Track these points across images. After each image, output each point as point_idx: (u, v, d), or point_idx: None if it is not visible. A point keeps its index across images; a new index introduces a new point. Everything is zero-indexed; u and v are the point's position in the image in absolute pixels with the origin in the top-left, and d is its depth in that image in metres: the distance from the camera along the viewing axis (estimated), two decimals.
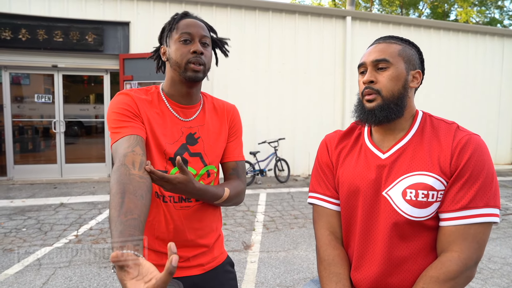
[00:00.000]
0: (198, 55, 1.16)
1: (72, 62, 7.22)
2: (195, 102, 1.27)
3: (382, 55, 1.01)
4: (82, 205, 5.46)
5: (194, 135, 1.23)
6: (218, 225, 1.35)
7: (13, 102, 7.40)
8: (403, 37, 1.08)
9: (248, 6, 7.83)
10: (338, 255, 1.08)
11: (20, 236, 4.15)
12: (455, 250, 0.91)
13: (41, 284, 3.02)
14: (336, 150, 1.15)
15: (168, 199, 1.18)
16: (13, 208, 5.26)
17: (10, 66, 7.09)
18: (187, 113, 1.24)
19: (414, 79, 1.04)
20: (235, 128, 1.36)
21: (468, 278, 0.92)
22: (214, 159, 1.28)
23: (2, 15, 6.68)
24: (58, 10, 6.92)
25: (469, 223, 0.91)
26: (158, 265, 1.16)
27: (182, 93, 1.23)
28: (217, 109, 1.33)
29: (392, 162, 1.02)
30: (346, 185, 1.08)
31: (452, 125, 1.01)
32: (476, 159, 0.93)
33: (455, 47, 9.39)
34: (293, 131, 8.16)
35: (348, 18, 8.38)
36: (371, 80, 1.02)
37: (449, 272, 0.90)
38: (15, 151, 7.39)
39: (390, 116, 1.01)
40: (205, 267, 1.28)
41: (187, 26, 1.18)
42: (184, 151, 1.20)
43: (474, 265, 0.92)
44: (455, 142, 0.96)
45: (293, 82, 8.19)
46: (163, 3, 7.40)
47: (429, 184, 0.95)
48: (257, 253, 3.77)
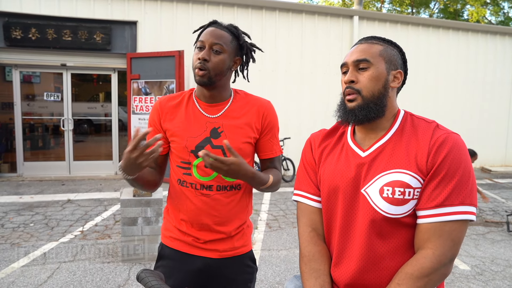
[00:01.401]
0: (201, 61, 1.29)
1: (81, 61, 7.32)
2: (221, 100, 1.39)
3: (362, 55, 1.03)
4: (89, 201, 5.55)
5: (218, 129, 1.35)
6: (241, 216, 1.41)
7: (24, 100, 7.54)
8: (386, 38, 1.09)
9: (255, 5, 7.85)
10: (319, 251, 1.09)
11: (28, 231, 4.24)
12: (430, 247, 0.93)
13: (46, 278, 3.09)
14: (319, 148, 1.17)
15: (189, 185, 1.34)
16: (22, 203, 5.38)
17: (21, 65, 7.22)
18: (213, 110, 1.37)
19: (395, 79, 1.05)
20: (270, 124, 1.43)
21: (443, 275, 0.93)
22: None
23: (13, 15, 6.81)
24: (67, 9, 7.02)
25: (444, 220, 0.92)
26: (180, 241, 1.38)
27: (204, 94, 1.38)
28: (249, 105, 1.41)
29: (371, 160, 1.03)
30: (327, 183, 1.09)
31: (432, 123, 1.02)
32: (452, 157, 0.94)
33: (464, 47, 9.29)
34: (299, 131, 8.16)
35: (355, 18, 8.35)
36: (352, 80, 1.04)
37: (423, 268, 0.91)
38: (25, 148, 7.53)
39: (369, 115, 1.02)
40: (222, 253, 1.38)
41: (203, 34, 1.33)
42: (206, 144, 1.34)
43: (449, 262, 0.93)
44: (432, 140, 0.97)
45: (299, 81, 8.19)
46: (170, 3, 7.46)
47: (405, 182, 0.96)
48: (258, 251, 3.79)
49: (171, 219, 1.42)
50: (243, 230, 1.43)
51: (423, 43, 8.96)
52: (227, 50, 1.32)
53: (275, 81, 8.06)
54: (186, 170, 1.35)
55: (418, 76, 8.89)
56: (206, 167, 1.25)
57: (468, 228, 4.69)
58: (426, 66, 8.97)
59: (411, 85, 8.83)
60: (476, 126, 9.34)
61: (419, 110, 8.71)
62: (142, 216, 3.40)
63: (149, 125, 1.42)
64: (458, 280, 3.24)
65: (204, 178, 1.34)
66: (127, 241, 3.40)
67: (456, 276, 3.31)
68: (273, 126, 1.44)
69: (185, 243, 1.38)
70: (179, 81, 6.80)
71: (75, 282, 3.03)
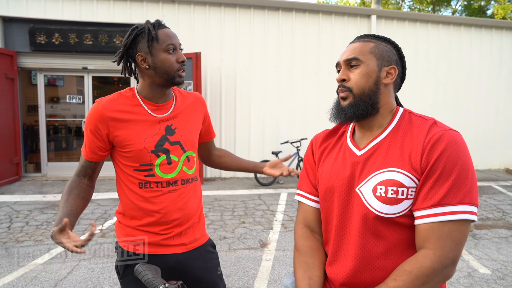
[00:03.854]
0: (184, 63, 1.36)
1: (101, 64, 7.52)
2: (168, 99, 1.44)
3: (352, 54, 1.05)
4: (108, 201, 5.69)
5: (171, 126, 1.40)
6: (199, 206, 1.50)
7: (48, 102, 7.81)
8: (379, 35, 1.09)
9: (271, 6, 7.86)
10: (309, 246, 1.11)
11: (50, 229, 4.39)
12: (430, 247, 0.90)
13: (66, 274, 3.19)
14: (320, 149, 1.18)
15: (154, 185, 1.35)
16: (45, 202, 5.57)
17: (45, 69, 7.48)
18: (162, 109, 1.40)
19: (389, 75, 1.05)
20: (207, 113, 1.60)
21: (444, 277, 0.90)
22: (192, 145, 1.45)
23: (38, 21, 7.07)
24: (88, 14, 7.23)
25: (442, 220, 0.89)
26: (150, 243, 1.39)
27: (160, 95, 1.39)
28: (187, 100, 1.51)
29: (366, 159, 1.02)
30: (324, 182, 1.10)
31: (429, 121, 1.00)
32: (448, 154, 0.91)
33: (488, 44, 9.00)
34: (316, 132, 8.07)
35: (373, 17, 8.24)
36: (343, 79, 1.06)
37: (422, 267, 0.88)
38: (49, 149, 7.80)
39: (357, 112, 1.03)
40: (188, 246, 1.43)
41: (169, 37, 1.33)
42: (164, 142, 1.37)
43: (451, 264, 0.90)
44: (427, 138, 0.94)
45: (317, 82, 8.15)
46: (187, 6, 7.56)
47: (398, 181, 0.94)
48: (273, 251, 3.80)
49: (133, 225, 1.38)
50: (200, 220, 1.51)
51: (444, 41, 8.75)
52: None
53: (292, 82, 8.05)
54: (148, 172, 1.35)
55: (439, 76, 8.69)
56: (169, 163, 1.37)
57: (490, 230, 4.56)
58: (448, 65, 8.75)
59: (432, 85, 8.64)
60: (501, 125, 9.04)
61: (440, 110, 8.51)
62: None
63: (88, 132, 1.33)
64: (478, 284, 3.15)
65: (168, 176, 1.37)
66: None
67: (476, 280, 3.22)
68: (208, 113, 1.61)
69: (152, 244, 1.38)
70: (196, 82, 6.88)
71: (93, 279, 3.12)
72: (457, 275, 3.28)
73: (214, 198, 6.01)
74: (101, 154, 1.37)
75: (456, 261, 0.91)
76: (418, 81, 8.42)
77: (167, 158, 1.36)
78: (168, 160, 1.36)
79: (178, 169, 1.39)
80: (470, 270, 3.40)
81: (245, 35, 7.83)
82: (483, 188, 6.97)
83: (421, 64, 8.50)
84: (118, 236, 1.42)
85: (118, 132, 1.32)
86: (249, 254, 3.67)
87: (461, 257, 3.66)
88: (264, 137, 8.00)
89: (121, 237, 1.41)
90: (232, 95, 7.82)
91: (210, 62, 7.56)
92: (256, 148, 7.93)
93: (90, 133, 1.33)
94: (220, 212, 5.20)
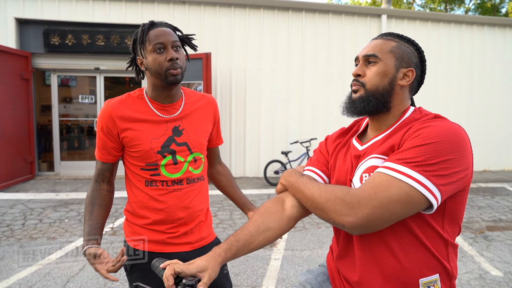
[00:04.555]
0: (174, 61, 1.31)
1: (113, 65, 7.63)
2: (176, 100, 1.43)
3: (372, 51, 1.04)
4: (119, 199, 5.76)
5: (179, 127, 1.41)
6: (205, 205, 1.50)
7: (61, 102, 7.95)
8: (404, 35, 1.09)
9: (281, 7, 7.87)
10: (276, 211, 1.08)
11: (63, 226, 4.48)
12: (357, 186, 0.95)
13: (78, 270, 3.26)
14: (334, 144, 1.19)
15: (159, 184, 1.37)
16: (58, 200, 5.67)
17: (58, 69, 7.62)
18: (170, 110, 1.41)
19: (405, 77, 1.04)
20: (218, 117, 1.58)
21: (337, 216, 0.90)
22: (199, 147, 1.44)
23: (52, 23, 7.21)
24: (100, 15, 7.35)
25: (377, 170, 0.91)
26: (153, 242, 1.40)
27: (164, 95, 1.39)
28: (199, 102, 1.50)
29: (364, 153, 1.04)
30: (334, 178, 1.12)
31: (429, 116, 0.98)
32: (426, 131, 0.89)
33: (501, 43, 8.86)
34: (326, 132, 8.08)
35: (383, 17, 8.18)
36: (358, 74, 1.05)
37: (334, 192, 0.92)
38: (62, 148, 7.94)
39: (367, 107, 1.02)
40: (194, 245, 1.44)
41: (157, 36, 1.31)
42: (171, 143, 1.38)
43: (354, 208, 0.87)
44: (415, 125, 0.94)
45: (327, 82, 8.13)
46: (197, 6, 7.62)
47: (379, 166, 0.94)
48: (281, 250, 3.81)
49: (140, 223, 1.41)
50: (207, 219, 1.52)
51: (456, 41, 8.64)
52: (180, 45, 1.37)
53: (302, 82, 8.04)
54: (154, 171, 1.37)
55: (451, 76, 8.58)
56: (175, 164, 1.39)
57: (503, 232, 4.49)
58: (459, 65, 8.64)
59: (444, 85, 8.54)
60: None
61: (452, 110, 8.41)
62: None
63: (100, 134, 1.37)
64: (489, 286, 3.11)
65: (173, 175, 1.38)
66: None
67: (487, 282, 3.18)
68: (219, 118, 1.59)
69: (158, 242, 1.40)
70: (207, 82, 6.93)
71: None
72: (468, 277, 3.25)
73: (223, 197, 6.04)
74: (116, 154, 1.40)
75: (361, 212, 0.86)
76: (429, 81, 8.33)
77: (173, 159, 1.37)
78: (174, 160, 1.38)
79: (184, 169, 1.40)
80: (481, 272, 3.36)
81: (255, 35, 7.85)
82: (496, 189, 6.86)
83: (432, 64, 8.40)
84: (126, 235, 1.45)
85: (126, 133, 1.35)
86: (257, 253, 3.69)
87: (472, 259, 3.62)
88: (274, 137, 8.01)
89: (128, 235, 1.43)
90: (242, 95, 7.85)
91: (220, 63, 7.60)
92: (266, 148, 7.94)
93: (102, 135, 1.37)
94: (230, 211, 5.23)
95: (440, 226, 0.95)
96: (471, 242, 4.12)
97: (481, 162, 8.66)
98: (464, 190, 0.96)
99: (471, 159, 0.93)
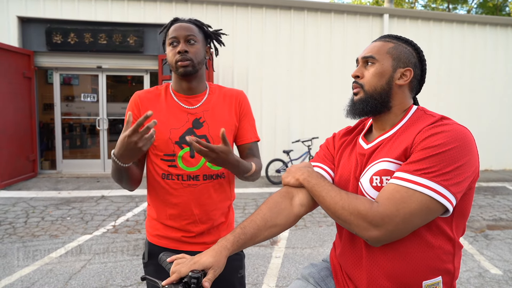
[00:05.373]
0: (182, 53, 1.34)
1: (115, 63, 7.65)
2: (199, 92, 1.45)
3: (370, 52, 1.07)
4: (121, 198, 5.80)
5: (200, 119, 1.40)
6: (225, 205, 1.46)
7: (63, 101, 7.98)
8: (403, 37, 1.11)
9: (283, 6, 7.88)
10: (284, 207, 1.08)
11: (65, 224, 4.50)
12: (378, 200, 0.94)
13: (80, 268, 3.28)
14: (340, 141, 1.21)
15: (175, 177, 1.37)
16: (60, 198, 5.70)
17: (61, 68, 7.65)
18: (192, 101, 1.43)
19: (403, 77, 1.06)
20: (244, 111, 1.50)
21: (362, 231, 0.92)
22: (220, 141, 1.39)
23: (54, 21, 7.23)
24: (103, 14, 7.36)
25: (395, 183, 0.92)
26: (168, 238, 1.40)
27: (183, 87, 1.43)
28: (225, 96, 1.48)
29: (370, 152, 1.05)
30: (338, 174, 1.14)
31: (436, 117, 0.99)
32: (435, 138, 0.91)
33: (503, 43, 8.84)
34: (328, 130, 8.09)
35: (385, 16, 8.18)
36: (357, 75, 1.09)
37: (356, 206, 0.93)
38: (64, 147, 7.96)
39: (366, 109, 1.05)
40: (209, 245, 1.38)
41: (173, 31, 1.37)
42: (190, 134, 1.37)
43: (378, 225, 0.90)
44: (425, 129, 0.95)
45: (328, 81, 8.13)
46: (200, 5, 7.64)
47: (392, 171, 0.96)
48: (282, 248, 3.83)
49: (157, 217, 1.42)
50: (227, 219, 1.47)
51: (458, 40, 8.63)
52: (199, 39, 1.39)
53: (304, 81, 8.05)
54: (171, 163, 1.37)
55: (453, 75, 8.57)
56: (191, 157, 1.35)
57: (503, 231, 4.50)
58: (462, 64, 8.63)
59: (446, 84, 8.53)
60: None
61: (454, 110, 8.41)
62: None
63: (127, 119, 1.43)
64: (489, 284, 3.12)
65: (190, 169, 1.37)
66: None
67: (487, 280, 3.19)
68: (247, 112, 1.51)
69: (173, 240, 1.40)
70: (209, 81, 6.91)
71: (106, 273, 3.19)
72: (468, 275, 3.26)
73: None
74: None
75: (384, 228, 0.89)
76: (431, 80, 8.32)
77: (190, 151, 1.36)
78: (191, 153, 1.36)
79: (201, 164, 1.37)
80: (481, 270, 3.37)
81: (257, 34, 7.86)
82: (497, 189, 6.86)
83: (435, 63, 8.40)
84: (146, 230, 1.49)
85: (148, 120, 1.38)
86: (259, 251, 3.71)
87: (472, 257, 3.63)
88: (276, 136, 8.02)
89: (148, 230, 1.46)
90: None
91: (222, 61, 7.62)
92: (268, 147, 7.96)
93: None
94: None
95: (449, 226, 0.97)
96: (471, 240, 4.13)
97: (483, 161, 8.64)
98: (471, 188, 0.98)
99: (478, 159, 0.96)
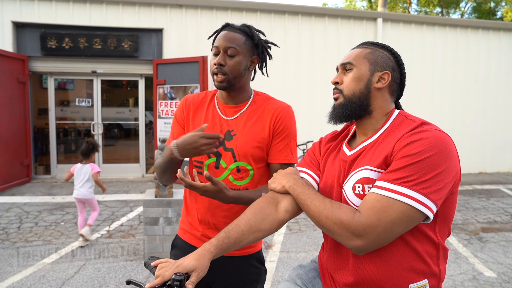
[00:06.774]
0: (218, 66, 1.33)
1: (110, 68, 7.64)
2: (239, 102, 1.43)
3: (348, 59, 1.11)
4: (116, 202, 5.77)
5: (231, 132, 1.39)
6: None
7: (58, 106, 7.95)
8: (379, 42, 1.14)
9: (277, 10, 7.92)
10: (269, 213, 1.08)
11: (59, 229, 4.47)
12: (360, 210, 0.95)
13: (73, 273, 3.26)
14: (326, 146, 1.22)
15: None
16: (54, 203, 5.66)
17: (55, 73, 7.62)
18: (230, 112, 1.42)
19: (381, 80, 1.08)
20: (280, 128, 1.38)
21: (344, 240, 0.94)
22: (246, 157, 1.37)
23: (49, 26, 7.22)
24: (97, 19, 7.36)
25: (377, 192, 0.93)
26: (191, 234, 1.48)
27: (224, 96, 1.44)
28: (265, 109, 1.41)
29: (352, 159, 1.06)
30: (322, 180, 1.14)
31: (416, 122, 1.00)
32: (415, 145, 0.92)
33: (496, 47, 8.93)
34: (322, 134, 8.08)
35: (379, 20, 8.24)
36: (336, 81, 1.12)
37: (339, 216, 0.94)
38: (59, 151, 7.92)
39: (345, 113, 1.07)
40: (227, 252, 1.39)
41: (217, 40, 1.37)
42: (220, 146, 1.37)
43: (359, 235, 0.92)
44: (404, 136, 0.96)
45: (323, 85, 8.15)
46: (194, 10, 7.66)
47: (373, 179, 0.97)
48: (277, 253, 3.82)
49: (187, 214, 1.51)
50: None
51: (451, 44, 8.70)
52: (241, 51, 1.34)
53: (298, 85, 8.08)
54: (199, 169, 1.41)
55: (447, 79, 8.63)
56: (216, 167, 1.39)
57: (497, 234, 4.52)
58: (455, 68, 8.69)
59: (439, 88, 8.59)
60: (510, 128, 8.93)
61: (447, 113, 8.46)
62: (164, 216, 3.51)
63: (175, 121, 1.49)
64: (483, 287, 3.13)
65: None
66: (149, 240, 3.52)
67: (481, 283, 3.20)
68: (284, 131, 1.39)
69: (195, 236, 1.46)
70: (203, 85, 6.95)
71: (99, 278, 3.17)
72: (462, 278, 3.27)
73: None
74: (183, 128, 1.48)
75: (367, 238, 0.91)
76: (424, 84, 8.39)
77: (216, 162, 1.37)
78: (217, 164, 1.38)
79: (223, 176, 1.37)
80: (475, 273, 3.38)
81: None
82: (492, 191, 6.90)
83: (428, 67, 8.47)
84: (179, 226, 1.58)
85: (188, 121, 1.44)
86: None
87: (466, 260, 3.64)
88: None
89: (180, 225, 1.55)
90: None
91: None
92: None
93: (176, 121, 1.48)
94: None
95: (433, 230, 0.98)
96: (466, 243, 4.15)
97: (477, 164, 8.71)
98: (454, 192, 0.98)
99: (459, 164, 0.96)
